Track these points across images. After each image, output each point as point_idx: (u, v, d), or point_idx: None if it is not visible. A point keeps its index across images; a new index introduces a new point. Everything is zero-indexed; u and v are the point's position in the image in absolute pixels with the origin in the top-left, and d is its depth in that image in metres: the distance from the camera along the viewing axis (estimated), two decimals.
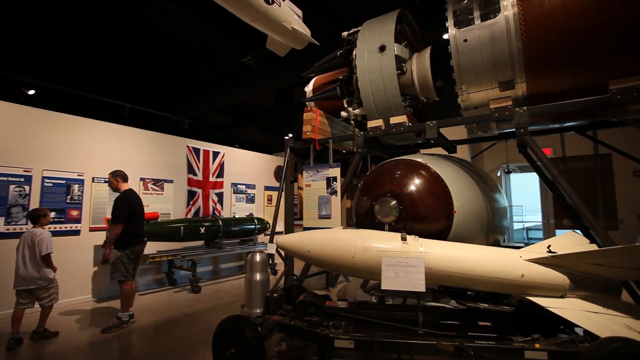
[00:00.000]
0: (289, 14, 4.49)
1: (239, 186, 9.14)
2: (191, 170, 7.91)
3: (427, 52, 4.20)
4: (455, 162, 4.18)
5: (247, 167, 9.51)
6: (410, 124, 4.04)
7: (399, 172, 3.49)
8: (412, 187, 3.32)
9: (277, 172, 10.37)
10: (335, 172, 4.18)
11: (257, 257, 3.75)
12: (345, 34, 4.58)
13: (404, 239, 3.06)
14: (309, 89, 5.62)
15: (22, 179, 5.28)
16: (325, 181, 4.22)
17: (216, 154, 8.54)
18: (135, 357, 3.78)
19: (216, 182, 8.45)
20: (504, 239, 5.62)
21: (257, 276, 3.65)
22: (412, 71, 4.25)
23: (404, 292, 2.90)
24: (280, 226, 5.69)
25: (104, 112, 8.77)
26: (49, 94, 9.81)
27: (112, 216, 4.67)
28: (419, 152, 5.68)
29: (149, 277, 6.96)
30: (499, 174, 9.55)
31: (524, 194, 11.19)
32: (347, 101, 4.60)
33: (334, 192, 4.14)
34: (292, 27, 4.48)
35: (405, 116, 4.04)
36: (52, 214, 4.72)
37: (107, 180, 4.95)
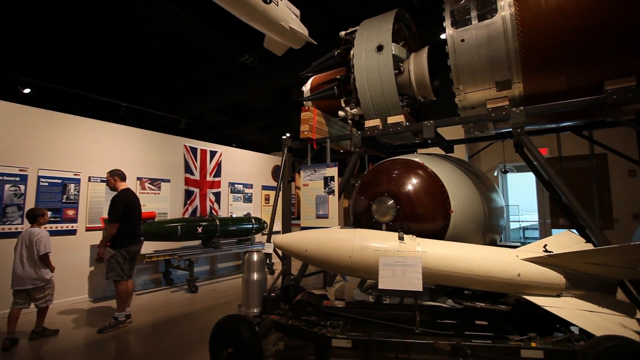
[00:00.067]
0: (287, 13, 4.48)
1: (236, 186, 9.13)
2: (188, 169, 7.88)
3: (425, 52, 4.21)
4: (452, 161, 4.19)
5: (244, 167, 9.49)
6: (407, 124, 4.04)
7: (396, 172, 3.49)
8: (410, 187, 3.33)
9: (275, 171, 10.36)
10: (332, 171, 4.18)
11: (255, 257, 3.74)
12: (342, 33, 4.57)
13: (401, 239, 3.06)
14: (307, 88, 5.61)
15: (18, 178, 5.25)
16: (322, 181, 4.21)
17: (213, 154, 8.51)
18: (132, 357, 3.77)
19: (213, 181, 8.42)
20: (501, 238, 5.64)
21: (255, 276, 3.64)
22: (409, 71, 4.25)
23: (401, 292, 2.90)
24: (277, 226, 5.69)
25: (100, 111, 8.73)
26: (44, 92, 9.76)
27: (109, 215, 4.65)
28: (416, 152, 5.69)
29: (146, 276, 6.93)
30: (495, 174, 9.58)
31: (521, 194, 11.23)
32: (344, 101, 4.60)
33: (332, 192, 4.14)
34: (289, 27, 4.48)
35: (402, 116, 4.04)
36: (49, 214, 4.71)
37: (105, 179, 4.93)
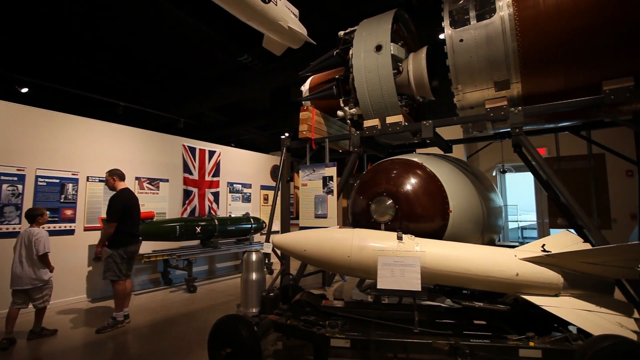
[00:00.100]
0: (286, 13, 4.48)
1: (235, 185, 9.12)
2: (187, 169, 7.87)
3: (424, 52, 4.21)
4: (451, 161, 4.20)
5: (243, 167, 9.48)
6: (406, 124, 4.05)
7: (395, 172, 3.49)
8: (408, 187, 3.33)
9: (273, 171, 10.35)
10: (331, 171, 4.18)
11: (253, 257, 3.74)
12: (341, 33, 4.57)
13: (400, 238, 3.07)
14: (305, 88, 5.61)
15: (15, 178, 5.22)
16: (321, 180, 4.21)
17: (212, 153, 8.50)
18: (130, 357, 3.76)
19: (212, 181, 8.41)
20: (499, 238, 5.66)
21: (253, 275, 3.64)
22: (408, 71, 4.26)
23: (400, 291, 2.90)
24: (276, 225, 5.69)
25: (98, 111, 8.71)
26: (42, 92, 9.72)
27: (107, 215, 4.64)
28: (415, 152, 5.70)
29: (145, 276, 6.92)
30: (494, 174, 9.60)
31: (519, 194, 11.27)
32: (343, 100, 4.60)
33: (330, 192, 4.14)
34: (288, 26, 4.48)
35: (401, 116, 4.05)
36: (47, 214, 4.71)
37: (103, 179, 4.92)
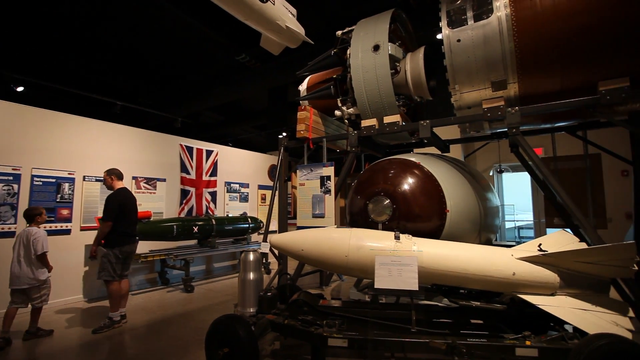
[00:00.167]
0: (283, 13, 4.47)
1: (232, 185, 9.10)
2: (184, 169, 7.84)
3: (421, 52, 4.22)
4: (448, 161, 4.21)
5: (240, 166, 9.46)
6: (403, 124, 4.06)
7: (392, 171, 3.50)
8: (406, 186, 3.34)
9: (271, 171, 10.34)
10: (329, 171, 4.19)
11: (251, 256, 3.74)
12: (339, 33, 4.57)
13: (397, 238, 3.07)
14: (303, 87, 5.61)
15: (11, 177, 5.19)
16: (319, 180, 4.22)
17: (209, 153, 8.48)
18: (127, 358, 3.75)
19: (209, 180, 8.39)
20: (496, 237, 5.68)
21: (251, 275, 3.64)
22: (405, 71, 4.27)
23: (397, 291, 2.91)
24: (273, 225, 5.69)
25: (95, 110, 8.67)
26: (38, 91, 9.66)
27: (103, 214, 4.63)
28: (412, 152, 5.71)
29: (142, 276, 6.89)
30: (491, 174, 9.64)
31: (516, 193, 11.30)
32: (341, 100, 4.61)
33: (328, 191, 4.15)
34: (286, 26, 4.47)
35: (398, 115, 4.06)
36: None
37: (100, 178, 4.90)
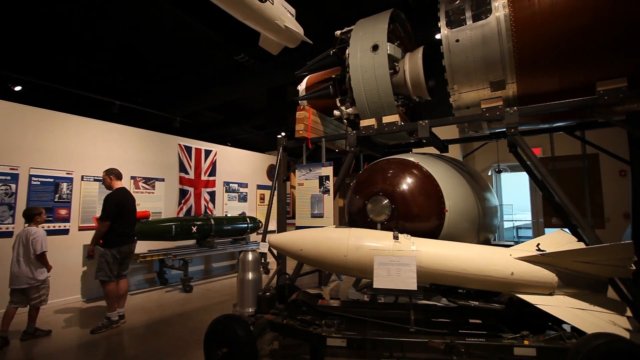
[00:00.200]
0: (282, 12, 4.47)
1: (231, 185, 9.09)
2: (183, 168, 7.83)
3: (420, 52, 4.22)
4: (447, 161, 4.21)
5: (239, 166, 9.45)
6: (402, 123, 4.06)
7: (391, 171, 3.50)
8: (404, 186, 3.34)
9: (270, 170, 10.33)
10: (327, 171, 4.19)
11: (250, 256, 3.73)
12: (338, 32, 4.57)
13: (396, 238, 3.07)
14: (302, 87, 5.60)
15: (9, 177, 5.17)
16: (317, 180, 4.21)
17: (208, 153, 8.47)
18: (125, 358, 3.74)
19: (208, 180, 8.38)
20: (495, 237, 5.68)
21: (250, 275, 3.63)
22: (404, 70, 4.27)
23: (396, 291, 2.91)
24: (272, 225, 5.68)
25: (94, 110, 8.64)
26: (37, 90, 9.63)
27: (101, 213, 4.63)
28: (411, 152, 5.71)
29: (140, 276, 6.88)
30: (489, 173, 9.65)
31: (514, 193, 11.33)
32: (339, 100, 4.60)
33: (327, 191, 4.15)
34: (285, 26, 4.47)
35: (397, 115, 4.06)
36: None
37: (98, 178, 4.89)
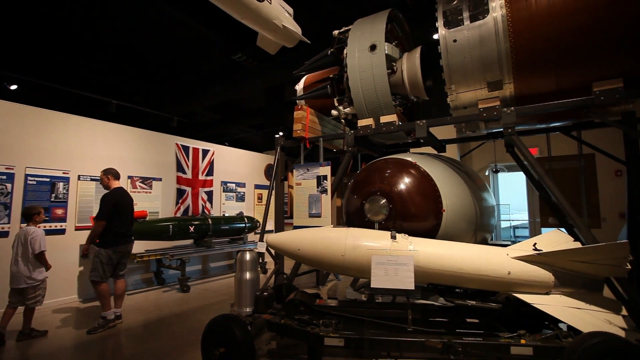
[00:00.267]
0: (280, 12, 4.47)
1: (228, 184, 9.07)
2: (180, 168, 7.81)
3: (417, 52, 4.23)
4: (444, 161, 4.22)
5: (237, 166, 9.43)
6: (400, 123, 4.06)
7: (388, 171, 3.51)
8: (402, 186, 3.34)
9: (268, 170, 10.32)
10: (325, 170, 4.18)
11: (247, 256, 3.73)
12: (336, 32, 4.57)
13: (393, 238, 3.08)
14: (300, 87, 5.60)
15: (4, 177, 5.13)
16: (315, 180, 4.21)
17: (206, 152, 8.45)
18: (123, 358, 3.73)
19: (206, 180, 8.36)
20: (492, 237, 5.71)
21: (247, 275, 3.63)
22: (402, 70, 4.27)
23: (394, 290, 2.92)
24: (270, 225, 5.68)
25: (91, 109, 8.60)
26: (33, 89, 9.57)
27: (97, 213, 4.61)
28: (408, 151, 5.73)
29: (137, 276, 6.86)
30: (487, 173, 9.68)
31: (511, 193, 11.38)
32: (337, 100, 4.60)
33: (324, 191, 4.15)
34: (282, 25, 4.46)
35: (395, 115, 4.06)
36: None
37: (95, 178, 4.87)
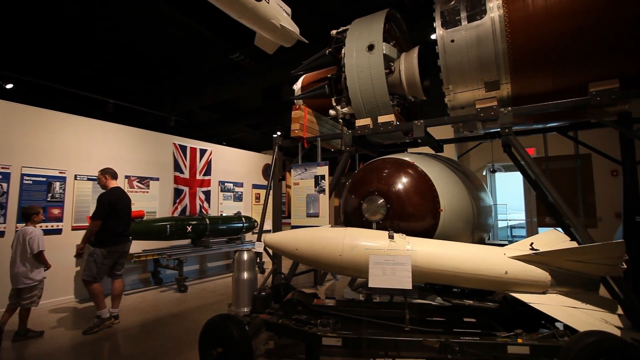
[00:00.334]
0: (278, 11, 4.46)
1: (226, 184, 9.06)
2: (178, 168, 7.79)
3: (415, 52, 4.24)
4: (442, 161, 4.23)
5: (234, 165, 9.42)
6: (398, 123, 4.07)
7: (386, 171, 3.51)
8: (400, 186, 3.35)
9: (265, 170, 10.31)
10: (323, 170, 4.19)
11: (245, 256, 3.73)
12: (334, 32, 4.57)
13: (391, 237, 3.09)
14: (298, 86, 5.59)
15: (0, 176, 5.11)
16: (313, 179, 4.21)
17: (203, 152, 8.43)
18: (120, 358, 3.72)
19: (203, 180, 8.34)
20: (489, 236, 5.73)
21: (245, 275, 3.62)
22: (400, 70, 4.28)
23: (391, 290, 2.92)
24: (268, 224, 5.67)
25: (87, 109, 8.56)
26: (29, 88, 9.51)
27: (93, 212, 4.60)
28: (406, 151, 5.74)
29: (135, 276, 6.83)
30: (484, 173, 9.72)
31: (508, 193, 11.44)
32: (335, 99, 4.61)
33: (322, 191, 4.15)
34: (280, 25, 4.45)
35: (393, 115, 4.07)
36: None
37: (92, 177, 4.85)
